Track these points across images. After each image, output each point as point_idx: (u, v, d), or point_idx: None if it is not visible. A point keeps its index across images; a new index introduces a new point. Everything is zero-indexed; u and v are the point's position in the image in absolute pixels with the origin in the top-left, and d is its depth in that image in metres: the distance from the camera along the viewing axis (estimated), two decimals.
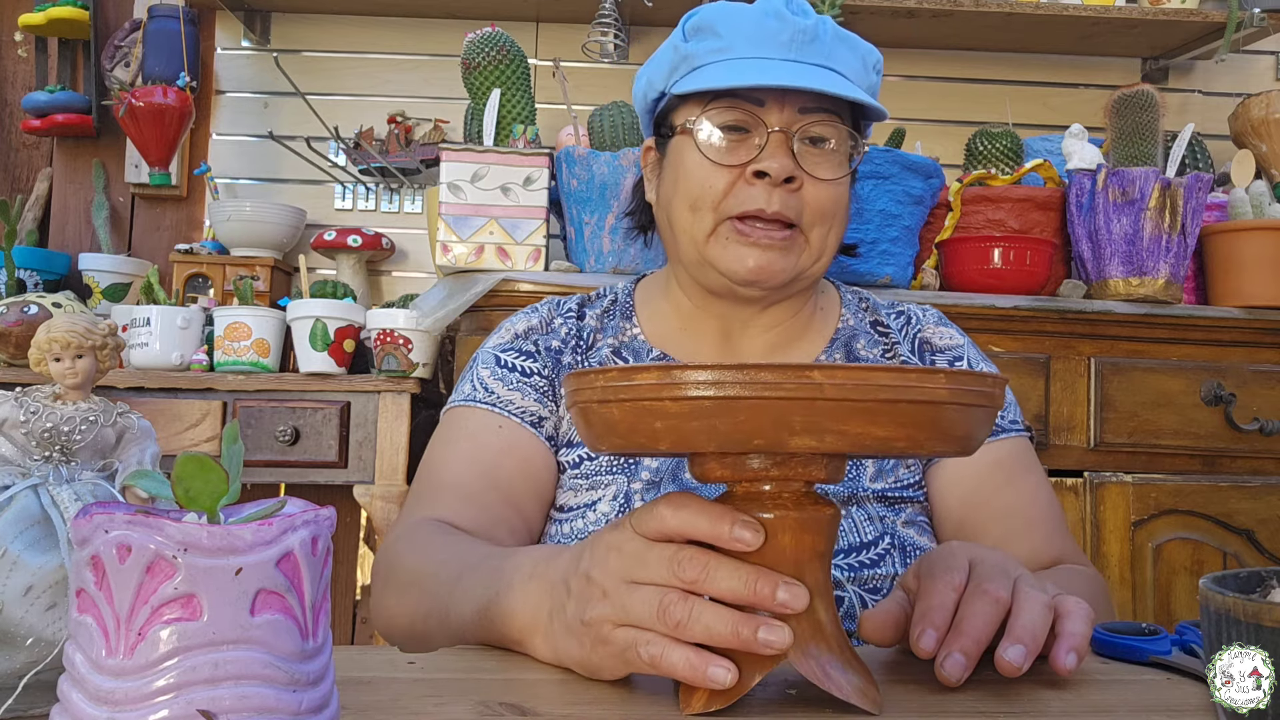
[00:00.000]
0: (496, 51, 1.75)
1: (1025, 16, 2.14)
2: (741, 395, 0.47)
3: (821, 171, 0.91)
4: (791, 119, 0.91)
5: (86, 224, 2.35)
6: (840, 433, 0.47)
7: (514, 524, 0.92)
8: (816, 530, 0.53)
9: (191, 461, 0.42)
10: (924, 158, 1.78)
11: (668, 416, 0.49)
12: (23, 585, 0.51)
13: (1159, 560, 1.76)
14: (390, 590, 0.83)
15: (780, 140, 0.90)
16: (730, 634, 0.51)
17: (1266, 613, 0.48)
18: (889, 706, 0.57)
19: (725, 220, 0.91)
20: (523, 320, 1.03)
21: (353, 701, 0.55)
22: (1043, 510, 0.97)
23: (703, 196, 0.92)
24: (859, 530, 0.90)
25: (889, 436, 0.48)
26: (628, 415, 0.50)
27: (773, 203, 0.89)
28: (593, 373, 0.52)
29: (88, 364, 0.57)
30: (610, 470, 0.94)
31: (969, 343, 1.05)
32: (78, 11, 2.26)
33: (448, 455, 0.95)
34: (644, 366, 0.50)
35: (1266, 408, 1.78)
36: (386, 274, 2.33)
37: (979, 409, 0.51)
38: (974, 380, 0.50)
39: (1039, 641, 0.60)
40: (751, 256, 0.91)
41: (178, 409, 1.79)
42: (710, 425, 0.48)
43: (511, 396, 0.96)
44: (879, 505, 0.93)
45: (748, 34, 0.91)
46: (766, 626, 0.51)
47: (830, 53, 0.92)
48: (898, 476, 0.95)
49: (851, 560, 0.87)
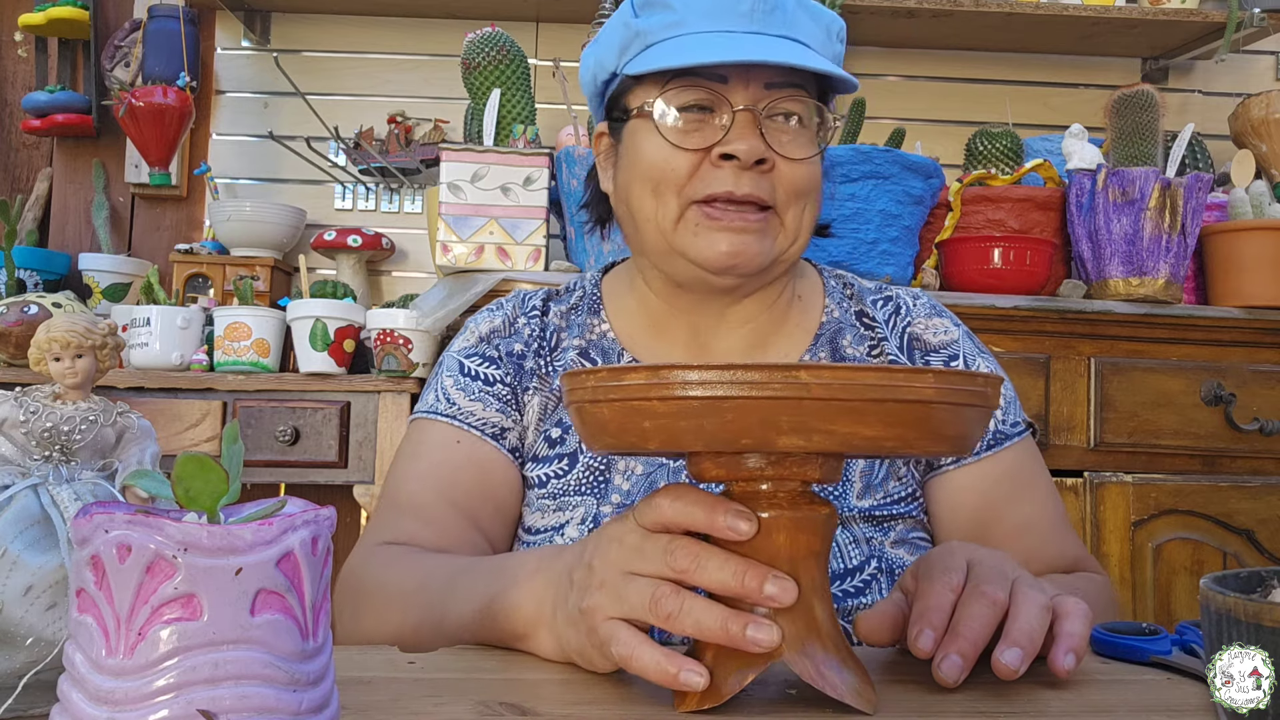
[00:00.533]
0: (496, 51, 1.75)
1: (1025, 16, 2.14)
2: (729, 395, 0.47)
3: (793, 150, 0.85)
4: (758, 95, 0.84)
5: (86, 224, 2.35)
6: (828, 432, 0.48)
7: (474, 540, 0.89)
8: (811, 530, 0.54)
9: (192, 461, 0.42)
10: (924, 158, 1.78)
11: (656, 416, 0.49)
12: (23, 585, 0.51)
13: (1159, 560, 1.76)
14: (366, 612, 0.81)
15: (747, 119, 0.84)
16: (719, 629, 0.51)
17: (1267, 613, 0.48)
18: (888, 706, 0.57)
19: (691, 204, 0.85)
20: (486, 321, 0.99)
21: (353, 701, 0.55)
22: (1055, 519, 0.95)
23: (665, 180, 0.85)
24: (843, 555, 0.85)
25: (878, 436, 0.48)
26: (617, 415, 0.51)
27: (743, 185, 0.83)
28: (585, 373, 0.53)
29: (87, 364, 0.57)
30: (579, 491, 0.90)
31: (965, 334, 0.99)
32: (78, 11, 2.26)
33: (408, 472, 0.93)
34: (633, 367, 0.51)
35: (1266, 408, 1.78)
36: (386, 274, 2.33)
37: (971, 408, 0.51)
38: (963, 380, 0.50)
39: (1036, 644, 0.60)
40: (724, 241, 0.84)
41: (178, 409, 1.79)
42: (698, 425, 0.49)
43: (473, 408, 0.93)
44: (865, 525, 0.88)
45: (704, 6, 0.85)
46: (755, 624, 0.51)
47: (793, 22, 0.85)
48: (887, 491, 0.90)
49: (835, 589, 0.84)
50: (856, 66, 2.33)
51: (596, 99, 0.96)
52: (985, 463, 0.93)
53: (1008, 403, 0.97)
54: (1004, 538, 0.89)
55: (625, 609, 0.54)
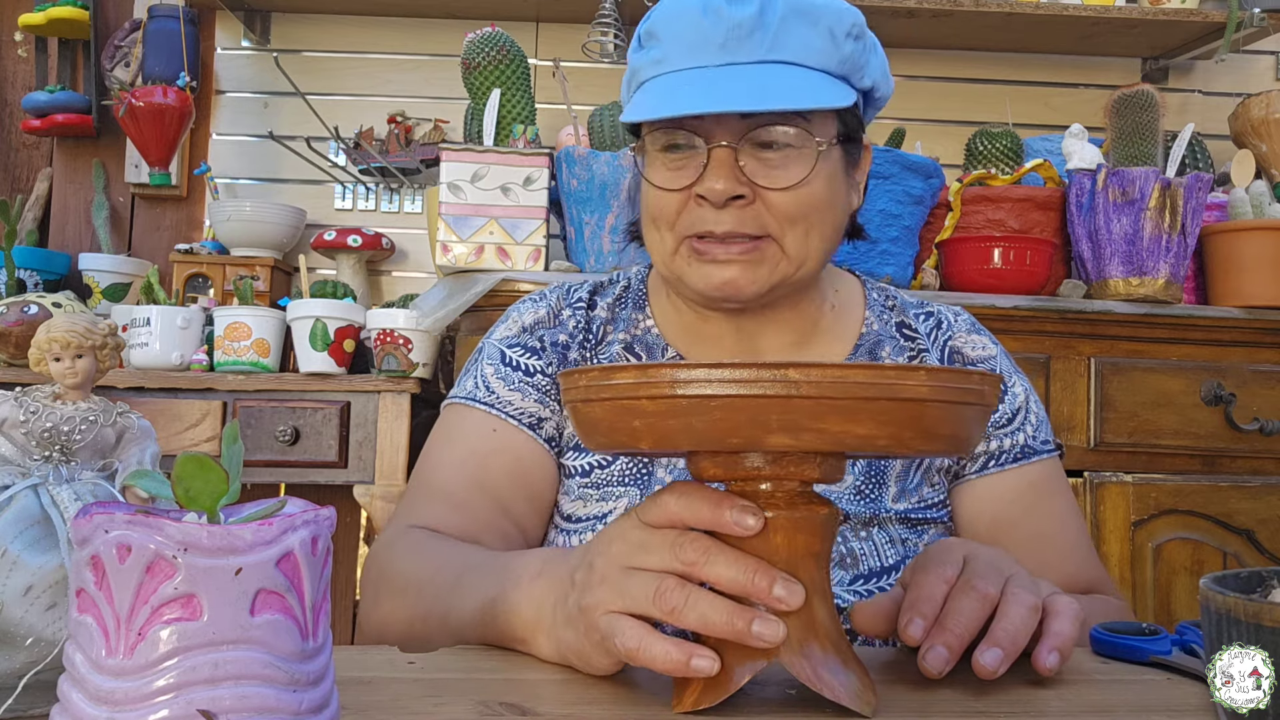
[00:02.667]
0: (496, 51, 1.75)
1: (1025, 16, 2.14)
2: (717, 394, 0.47)
3: (777, 180, 0.83)
4: (735, 129, 0.83)
5: (86, 224, 2.35)
6: (818, 431, 0.47)
7: (504, 528, 0.90)
8: (810, 530, 0.53)
9: (191, 461, 0.42)
10: (924, 158, 1.78)
11: (645, 415, 0.49)
12: (23, 585, 0.51)
13: (1159, 560, 1.76)
14: (384, 595, 0.82)
15: (722, 158, 0.83)
16: (725, 624, 0.51)
17: (1267, 613, 0.48)
18: (888, 706, 0.57)
19: (684, 240, 0.87)
20: (530, 311, 0.99)
21: (353, 701, 0.55)
22: (1074, 538, 0.94)
23: (660, 216, 0.88)
24: (880, 554, 0.86)
25: (870, 435, 0.48)
26: (608, 414, 0.51)
27: (723, 223, 0.84)
28: (578, 372, 0.53)
29: (88, 364, 0.57)
30: (623, 482, 0.90)
31: (1002, 352, 1.00)
32: (78, 11, 2.26)
33: (441, 457, 0.94)
34: (622, 366, 0.50)
35: (1266, 408, 1.78)
36: (386, 274, 2.33)
37: (966, 407, 0.50)
38: (957, 377, 0.49)
39: (1018, 645, 0.60)
40: (715, 274, 0.86)
41: (178, 409, 1.79)
42: (687, 424, 0.48)
43: (511, 397, 0.94)
44: (901, 527, 0.89)
45: (685, 38, 0.84)
46: (761, 620, 0.51)
47: (776, 40, 0.82)
48: (921, 496, 0.91)
49: (871, 586, 0.85)
50: None
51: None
52: (1010, 474, 0.94)
53: (1040, 421, 0.97)
54: (1018, 545, 0.88)
55: (628, 602, 0.54)
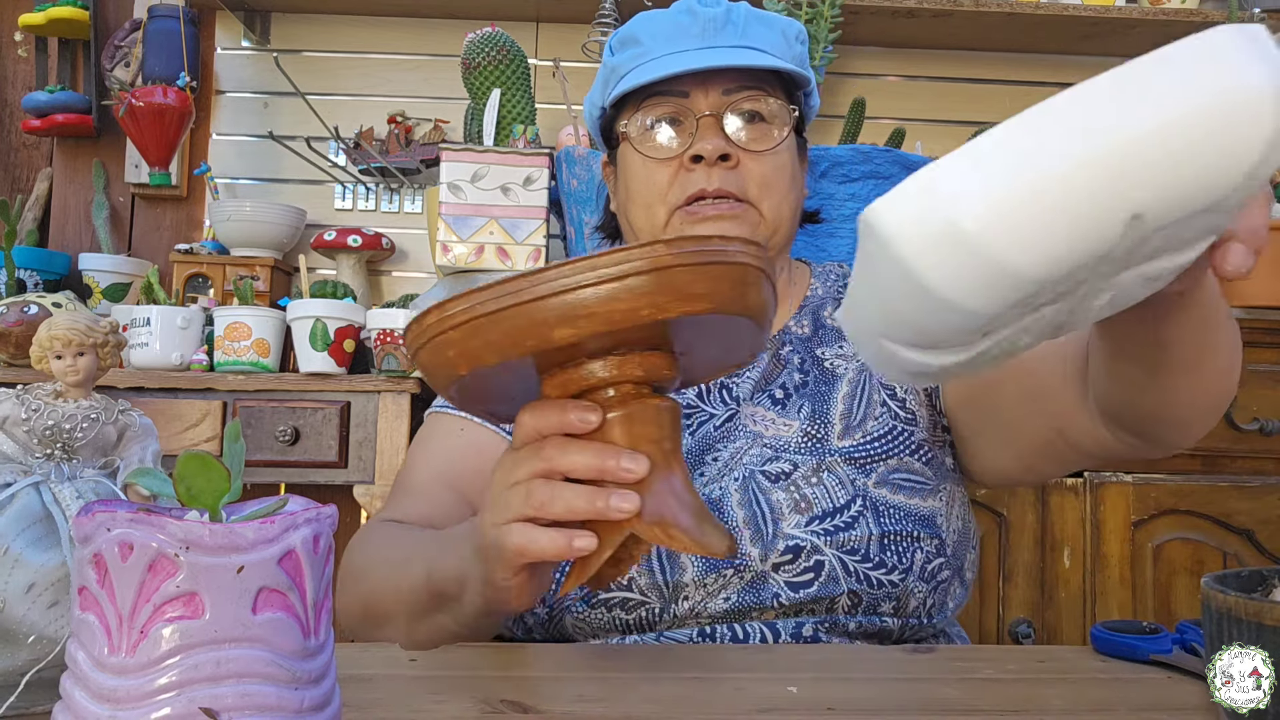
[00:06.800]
0: (496, 51, 1.75)
1: (1025, 16, 2.14)
2: (500, 308, 0.52)
3: (756, 145, 0.95)
4: (718, 102, 0.95)
5: (86, 224, 2.35)
6: (590, 315, 0.52)
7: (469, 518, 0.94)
8: (644, 420, 0.58)
9: (193, 460, 0.42)
10: (924, 158, 1.78)
11: (453, 345, 0.54)
12: (25, 583, 0.51)
13: (1159, 560, 1.76)
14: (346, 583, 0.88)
15: (710, 123, 0.94)
16: (587, 505, 0.57)
17: (1268, 612, 0.48)
18: (890, 706, 0.57)
19: (675, 210, 0.95)
20: None
21: (354, 699, 0.55)
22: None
23: (650, 193, 0.96)
24: (831, 495, 0.91)
25: (634, 308, 0.52)
26: (432, 356, 0.55)
27: (713, 180, 0.93)
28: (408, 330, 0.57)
29: (89, 362, 0.57)
30: None
31: None
32: (78, 11, 2.26)
33: (414, 461, 1.00)
34: (428, 309, 0.55)
35: (1266, 408, 1.78)
36: (386, 274, 2.33)
37: (711, 266, 0.53)
38: (694, 241, 0.53)
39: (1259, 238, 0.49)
40: (708, 230, 0.93)
41: (178, 409, 1.79)
42: (486, 341, 0.53)
43: None
44: (848, 467, 0.93)
45: (664, 34, 0.97)
46: (617, 494, 0.57)
47: (745, 33, 0.97)
48: (865, 431, 0.94)
49: (827, 525, 0.90)
50: (856, 66, 2.34)
51: (598, 135, 1.08)
52: None
53: None
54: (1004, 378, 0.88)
55: (509, 513, 0.60)
